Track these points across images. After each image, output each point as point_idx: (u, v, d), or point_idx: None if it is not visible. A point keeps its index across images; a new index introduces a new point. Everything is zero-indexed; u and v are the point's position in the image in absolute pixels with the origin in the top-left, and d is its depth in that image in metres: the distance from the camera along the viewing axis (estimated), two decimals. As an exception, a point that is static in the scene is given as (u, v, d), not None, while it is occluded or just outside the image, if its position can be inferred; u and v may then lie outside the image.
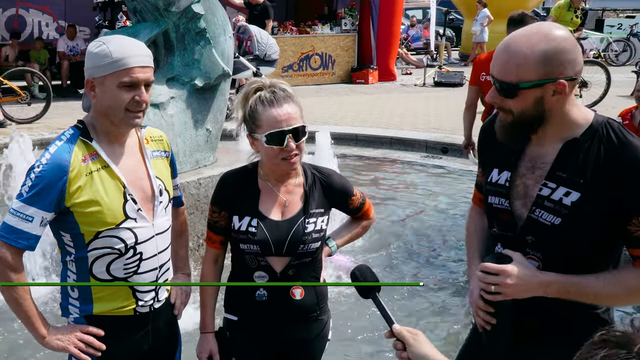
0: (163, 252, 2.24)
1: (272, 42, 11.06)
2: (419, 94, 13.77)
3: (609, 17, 26.04)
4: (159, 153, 2.28)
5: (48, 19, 15.17)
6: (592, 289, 1.82)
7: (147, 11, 5.05)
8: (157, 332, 2.30)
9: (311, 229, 2.28)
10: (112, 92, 2.02)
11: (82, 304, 2.16)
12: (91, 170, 2.05)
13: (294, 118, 2.17)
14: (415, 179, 8.08)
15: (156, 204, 2.19)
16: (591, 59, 15.02)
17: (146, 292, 2.22)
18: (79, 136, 2.08)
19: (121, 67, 2.00)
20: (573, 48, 1.78)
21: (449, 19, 19.13)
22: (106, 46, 2.01)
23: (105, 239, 2.08)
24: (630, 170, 1.77)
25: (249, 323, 2.34)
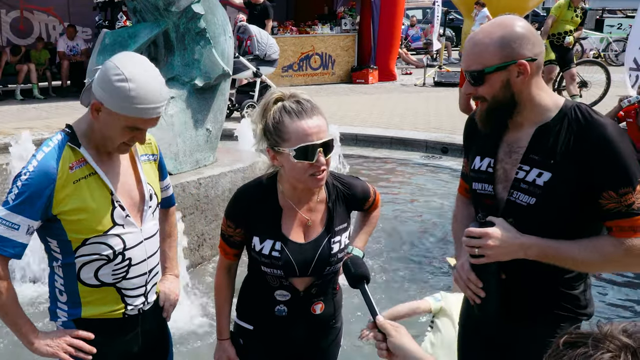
0: (152, 256, 2.21)
1: (272, 42, 11.06)
2: (419, 94, 13.77)
3: (608, 17, 26.03)
4: (147, 157, 2.24)
5: (54, 21, 15.15)
6: (570, 253, 1.91)
7: (147, 11, 5.05)
8: (147, 334, 2.28)
9: (337, 249, 2.17)
10: (116, 127, 1.98)
11: (71, 308, 2.14)
12: (79, 178, 2.02)
13: (324, 131, 2.01)
14: (415, 179, 8.08)
15: (145, 208, 2.15)
16: (591, 59, 15.05)
17: (136, 297, 2.19)
18: (67, 142, 2.04)
19: (135, 115, 1.95)
20: (528, 32, 1.93)
21: (448, 19, 19.13)
22: (128, 86, 1.91)
23: (93, 245, 2.05)
24: (596, 147, 1.86)
25: (265, 334, 2.25)
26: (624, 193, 1.85)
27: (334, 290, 2.29)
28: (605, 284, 4.96)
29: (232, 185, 5.27)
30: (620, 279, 5.05)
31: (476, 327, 2.23)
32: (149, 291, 2.24)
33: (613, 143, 1.86)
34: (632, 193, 1.85)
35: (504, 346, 2.12)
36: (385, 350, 1.68)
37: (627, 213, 1.86)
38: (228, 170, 5.31)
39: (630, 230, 1.87)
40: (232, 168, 5.35)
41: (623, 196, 1.85)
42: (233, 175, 5.31)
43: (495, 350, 2.15)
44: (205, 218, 5.12)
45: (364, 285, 1.87)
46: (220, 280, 2.32)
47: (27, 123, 10.33)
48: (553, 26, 10.53)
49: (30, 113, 10.91)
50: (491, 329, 2.14)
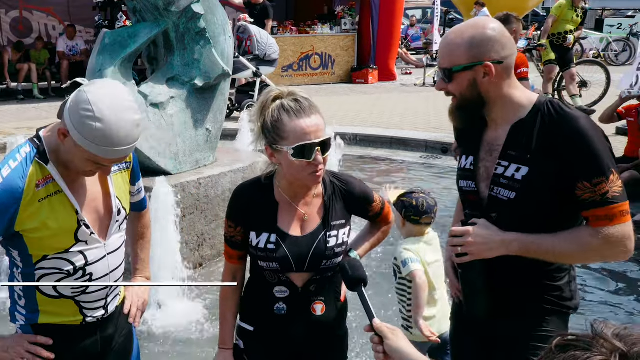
0: (115, 270, 2.16)
1: (272, 42, 11.06)
2: (419, 94, 13.77)
3: (608, 17, 26.03)
4: (119, 167, 2.17)
5: (54, 21, 15.14)
6: (550, 247, 1.96)
7: (147, 11, 5.05)
8: (108, 339, 2.23)
9: (333, 243, 2.16)
10: (80, 158, 1.91)
11: (28, 313, 2.11)
12: (44, 196, 1.96)
13: (322, 130, 2.03)
14: (415, 179, 8.07)
15: (112, 223, 2.11)
16: (591, 59, 15.05)
17: (95, 309, 2.15)
18: (35, 157, 1.96)
19: (99, 154, 1.87)
20: (498, 35, 2.00)
21: (448, 19, 19.12)
22: (96, 125, 1.81)
23: (53, 260, 2.02)
24: (568, 140, 1.92)
25: (265, 335, 2.24)
26: (597, 183, 1.90)
27: (337, 294, 2.27)
28: (605, 277, 4.97)
29: (232, 185, 5.27)
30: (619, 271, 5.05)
31: (466, 324, 2.26)
32: (109, 303, 2.20)
33: (585, 135, 1.91)
34: (605, 182, 1.91)
35: (492, 340, 2.15)
36: (382, 353, 1.69)
37: (602, 202, 1.91)
38: (228, 170, 5.31)
39: (606, 219, 1.92)
40: (232, 168, 5.35)
41: (597, 186, 1.90)
42: (233, 175, 5.31)
43: (484, 345, 2.18)
44: (205, 218, 5.12)
45: (361, 288, 1.88)
46: (224, 288, 2.30)
47: (26, 123, 10.33)
48: (553, 26, 10.52)
49: (30, 113, 10.90)
50: (480, 325, 2.17)
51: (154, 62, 5.50)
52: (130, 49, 4.81)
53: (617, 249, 1.95)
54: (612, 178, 1.92)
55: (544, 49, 10.75)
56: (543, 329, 2.06)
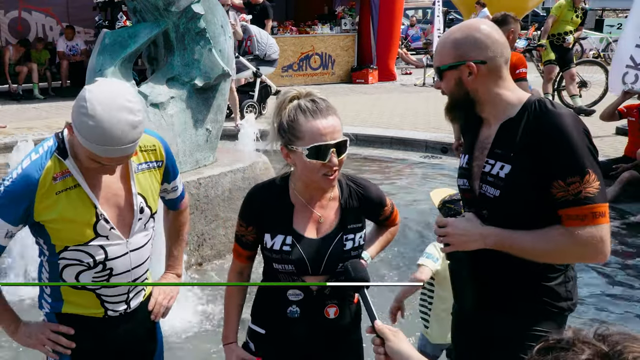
0: (138, 267, 2.18)
1: (272, 42, 11.06)
2: (419, 94, 13.77)
3: (608, 17, 26.04)
4: (147, 165, 2.18)
5: (52, 22, 15.15)
6: (523, 243, 1.98)
7: (147, 11, 5.05)
8: (131, 333, 2.25)
9: (350, 246, 2.14)
10: (82, 154, 1.95)
11: (53, 301, 2.17)
12: (61, 189, 2.00)
13: (338, 131, 2.03)
14: (415, 179, 8.08)
15: (134, 221, 2.12)
16: (591, 59, 15.05)
17: (116, 303, 2.18)
18: (55, 152, 2.02)
19: (93, 151, 1.89)
20: (484, 37, 2.05)
21: (448, 19, 19.12)
22: (89, 122, 1.84)
23: (74, 252, 2.06)
24: (547, 136, 1.94)
25: (277, 338, 2.20)
26: (571, 182, 1.90)
27: (351, 297, 2.23)
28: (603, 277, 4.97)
29: (232, 185, 5.27)
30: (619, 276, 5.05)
31: (463, 323, 2.28)
32: (132, 298, 2.22)
33: (563, 132, 1.91)
34: (579, 182, 1.90)
35: (488, 339, 2.16)
36: (383, 355, 1.69)
37: (575, 201, 1.91)
38: (228, 170, 5.31)
39: (578, 219, 1.91)
40: (232, 168, 5.35)
41: (570, 185, 1.90)
42: (233, 175, 5.31)
43: (480, 344, 2.18)
44: (205, 218, 5.12)
45: (364, 290, 1.88)
46: (229, 288, 2.29)
47: (27, 123, 10.34)
48: (553, 26, 10.52)
49: (30, 113, 10.90)
50: (476, 324, 2.18)
51: (154, 62, 5.50)
52: (130, 49, 4.82)
53: (588, 250, 1.93)
54: (587, 178, 1.89)
55: (543, 49, 10.75)
56: (536, 328, 2.05)
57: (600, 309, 4.54)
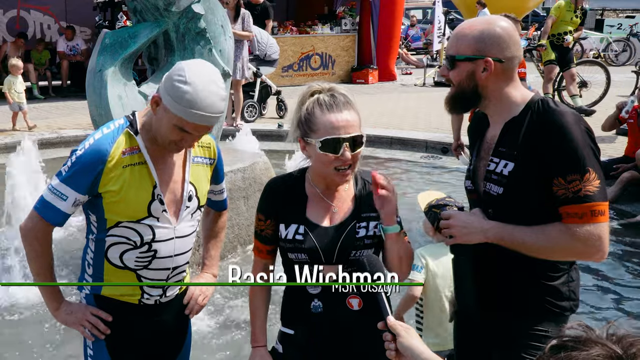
0: (181, 255, 2.26)
1: (272, 42, 11.06)
2: (419, 94, 13.77)
3: (609, 17, 26.04)
4: (202, 159, 2.30)
5: (50, 20, 15.15)
6: (522, 238, 1.99)
7: (147, 11, 5.05)
8: (164, 324, 2.31)
9: (363, 234, 2.13)
10: (167, 124, 2.07)
11: (94, 281, 2.25)
12: (128, 164, 2.12)
13: (353, 126, 2.05)
14: (415, 179, 8.07)
15: (182, 207, 2.22)
16: (591, 59, 15.04)
17: (153, 287, 2.25)
18: (126, 128, 2.14)
19: (183, 116, 2.02)
20: (506, 35, 2.05)
21: (448, 19, 19.12)
22: (185, 88, 2.00)
23: (124, 229, 2.15)
24: (549, 134, 1.96)
25: (306, 337, 2.17)
26: (571, 180, 1.92)
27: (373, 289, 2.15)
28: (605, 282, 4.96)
29: (232, 185, 5.27)
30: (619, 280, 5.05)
31: (464, 323, 2.28)
32: (168, 287, 2.28)
33: (565, 130, 1.93)
34: (579, 180, 1.91)
35: (489, 339, 2.16)
36: (394, 351, 1.69)
37: (574, 199, 1.92)
38: (228, 170, 5.31)
39: (577, 217, 1.93)
40: (232, 168, 5.35)
41: (570, 183, 1.92)
42: (233, 176, 5.31)
43: (482, 344, 2.19)
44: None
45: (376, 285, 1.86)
46: (252, 290, 2.27)
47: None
48: (553, 27, 10.52)
49: (31, 113, 10.89)
50: (473, 320, 2.19)
51: (154, 62, 5.50)
52: (131, 49, 4.82)
53: (586, 248, 1.95)
54: (587, 177, 1.91)
55: (544, 49, 10.75)
56: (538, 328, 2.06)
57: (600, 309, 4.54)
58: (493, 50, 2.03)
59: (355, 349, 2.14)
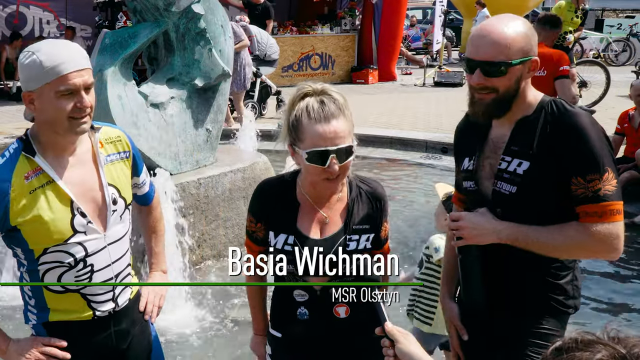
0: (118, 260, 2.15)
1: (272, 42, 11.06)
2: (419, 94, 13.76)
3: (609, 17, 26.04)
4: (116, 156, 2.16)
5: (49, 17, 15.15)
6: (537, 237, 1.99)
7: (147, 11, 5.06)
8: (123, 333, 2.22)
9: (353, 247, 2.08)
10: (52, 102, 1.94)
11: (39, 312, 2.13)
12: (35, 188, 1.98)
13: (341, 137, 1.96)
14: (415, 179, 8.08)
15: (109, 214, 2.09)
16: (591, 59, 15.03)
17: (103, 302, 2.14)
18: (22, 151, 2.00)
19: (55, 75, 1.91)
20: (534, 33, 2.04)
21: (448, 19, 19.12)
22: (36, 56, 1.92)
23: (53, 254, 2.02)
24: (567, 135, 1.96)
25: (292, 341, 2.18)
26: (591, 179, 1.93)
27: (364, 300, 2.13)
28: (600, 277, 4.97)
29: (232, 185, 5.27)
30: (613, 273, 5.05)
31: (469, 320, 2.28)
32: (118, 295, 2.18)
33: (583, 130, 1.94)
34: (599, 180, 1.93)
35: (493, 337, 2.16)
36: (393, 357, 1.68)
37: (594, 198, 1.94)
38: (228, 170, 5.32)
39: (596, 216, 1.94)
40: (232, 168, 5.36)
41: (590, 182, 1.93)
42: (233, 176, 5.31)
43: (486, 341, 2.19)
44: (206, 218, 5.12)
45: (376, 291, 1.88)
46: (249, 278, 2.24)
47: (27, 123, 10.31)
48: (553, 27, 10.52)
49: (30, 113, 10.89)
50: (479, 316, 2.18)
51: (154, 62, 5.50)
52: (131, 49, 4.82)
53: (604, 246, 1.97)
54: (606, 176, 1.93)
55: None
56: (543, 326, 2.07)
57: (600, 310, 4.54)
58: (534, 49, 2.02)
59: (341, 354, 2.14)
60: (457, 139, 2.35)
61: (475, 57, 2.01)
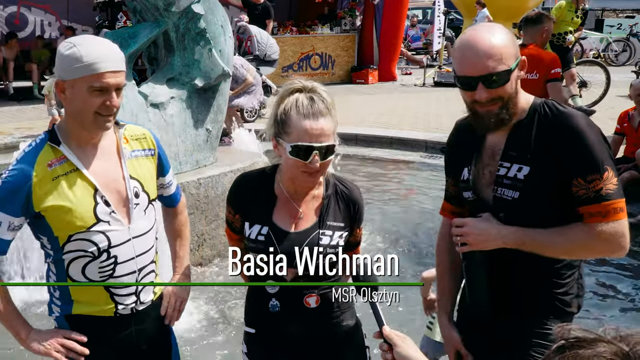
0: (142, 255, 2.18)
1: (272, 42, 11.06)
2: (419, 94, 13.77)
3: (609, 17, 26.04)
4: (140, 152, 2.22)
5: (50, 18, 15.16)
6: (543, 240, 1.99)
7: (147, 11, 5.06)
8: (143, 333, 2.24)
9: (326, 242, 2.12)
10: (82, 96, 2.00)
11: (63, 304, 2.16)
12: (58, 175, 2.04)
13: (326, 135, 2.03)
14: (415, 179, 8.08)
15: (131, 206, 2.13)
16: (591, 59, 15.04)
17: (125, 296, 2.17)
18: (47, 141, 2.07)
19: (92, 72, 1.97)
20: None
21: (448, 19, 19.11)
22: (77, 49, 1.98)
23: (77, 242, 2.07)
24: (564, 137, 1.97)
25: (266, 336, 2.21)
26: (591, 180, 1.93)
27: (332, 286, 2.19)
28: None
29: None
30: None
31: (471, 322, 2.27)
32: (141, 290, 2.21)
33: (580, 132, 1.95)
34: (599, 180, 1.93)
35: (496, 338, 2.16)
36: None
37: (596, 198, 1.94)
38: (228, 170, 5.32)
39: (599, 216, 1.94)
40: (232, 168, 5.36)
41: (591, 183, 1.93)
42: (233, 176, 5.31)
43: (489, 343, 2.18)
44: (206, 218, 5.12)
45: (373, 295, 1.87)
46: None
47: (27, 123, 10.34)
48: (553, 27, 10.52)
49: (31, 113, 10.90)
50: (482, 319, 2.18)
51: (154, 62, 5.51)
52: (131, 49, 4.82)
53: (611, 245, 1.97)
54: (606, 175, 1.93)
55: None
56: (547, 327, 2.06)
57: (600, 309, 4.54)
58: (518, 48, 2.04)
59: (314, 346, 2.17)
60: (450, 153, 2.33)
61: (473, 73, 1.99)
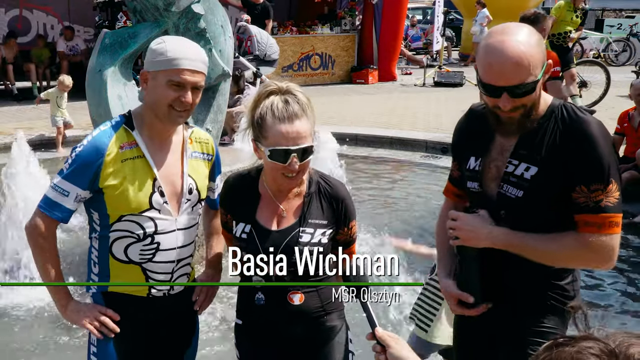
0: (184, 247, 2.30)
1: (272, 42, 11.05)
2: (419, 94, 13.77)
3: (608, 17, 26.04)
4: (200, 155, 2.35)
5: (53, 21, 15.15)
6: (532, 244, 1.98)
7: (147, 11, 5.05)
8: (173, 318, 2.34)
9: (307, 240, 2.15)
10: (161, 87, 2.15)
11: (100, 279, 2.29)
12: (126, 158, 2.18)
13: (303, 137, 2.05)
14: (415, 179, 8.08)
15: (183, 200, 2.26)
16: (591, 59, 15.05)
17: (161, 278, 2.28)
18: (123, 124, 2.22)
19: (172, 66, 2.12)
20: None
21: (448, 19, 19.12)
22: (165, 45, 2.15)
23: (126, 222, 2.20)
24: (576, 142, 1.94)
25: (251, 328, 2.28)
26: (594, 189, 1.92)
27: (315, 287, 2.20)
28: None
29: (232, 185, 5.27)
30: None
31: (468, 320, 2.25)
32: (176, 279, 2.31)
33: (592, 139, 1.93)
34: (602, 190, 1.92)
35: (493, 336, 2.16)
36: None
37: (594, 209, 1.93)
38: (228, 170, 5.28)
39: (594, 226, 1.93)
40: (232, 168, 5.33)
41: (593, 192, 1.92)
42: (233, 175, 5.31)
43: (486, 341, 2.19)
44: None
45: (365, 296, 1.87)
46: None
47: (27, 123, 10.35)
48: (553, 27, 10.51)
49: (31, 113, 10.91)
50: (481, 321, 2.17)
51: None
52: (130, 49, 4.82)
53: (600, 257, 1.97)
54: (610, 187, 1.92)
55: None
56: (544, 325, 2.07)
57: (600, 309, 4.54)
58: (545, 50, 2.00)
59: (297, 344, 2.21)
60: (459, 137, 2.31)
61: (499, 83, 1.91)
